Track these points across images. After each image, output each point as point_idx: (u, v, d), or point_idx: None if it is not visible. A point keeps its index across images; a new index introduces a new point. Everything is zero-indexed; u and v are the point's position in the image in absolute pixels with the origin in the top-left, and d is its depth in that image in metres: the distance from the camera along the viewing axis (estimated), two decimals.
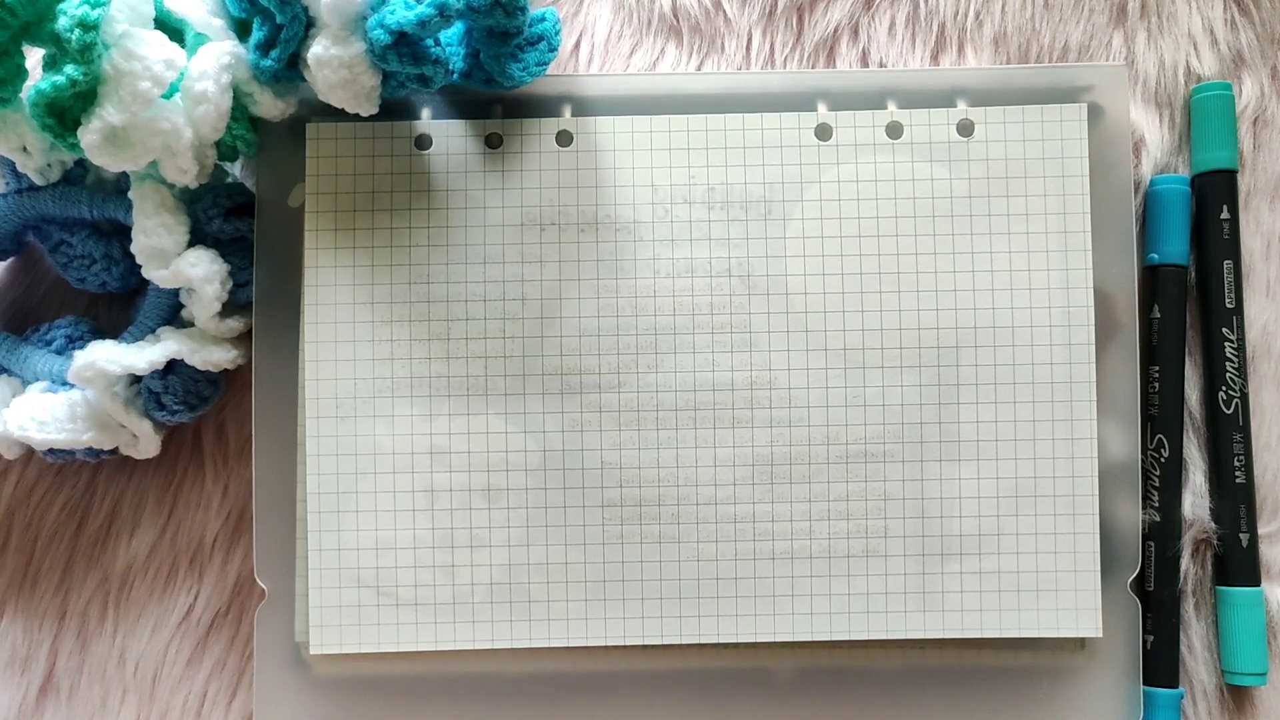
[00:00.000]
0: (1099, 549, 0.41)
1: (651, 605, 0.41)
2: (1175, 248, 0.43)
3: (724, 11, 0.45)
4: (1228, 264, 0.43)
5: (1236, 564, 0.42)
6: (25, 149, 0.39)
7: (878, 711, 0.42)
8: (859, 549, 0.41)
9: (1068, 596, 0.41)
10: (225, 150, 0.40)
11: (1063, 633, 0.41)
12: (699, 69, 0.45)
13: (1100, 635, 0.41)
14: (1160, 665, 0.42)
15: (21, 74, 0.36)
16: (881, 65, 0.45)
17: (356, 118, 0.40)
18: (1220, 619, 0.43)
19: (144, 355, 0.40)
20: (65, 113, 0.35)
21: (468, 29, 0.40)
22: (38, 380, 0.42)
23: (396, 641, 0.41)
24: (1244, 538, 0.42)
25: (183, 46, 0.39)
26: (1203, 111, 0.44)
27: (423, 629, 0.41)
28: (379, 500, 0.41)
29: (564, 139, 0.42)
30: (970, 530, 0.41)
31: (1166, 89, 0.45)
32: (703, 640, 0.41)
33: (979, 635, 0.41)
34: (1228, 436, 0.43)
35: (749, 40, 0.45)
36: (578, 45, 0.45)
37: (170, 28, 0.39)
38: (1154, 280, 0.43)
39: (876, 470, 0.41)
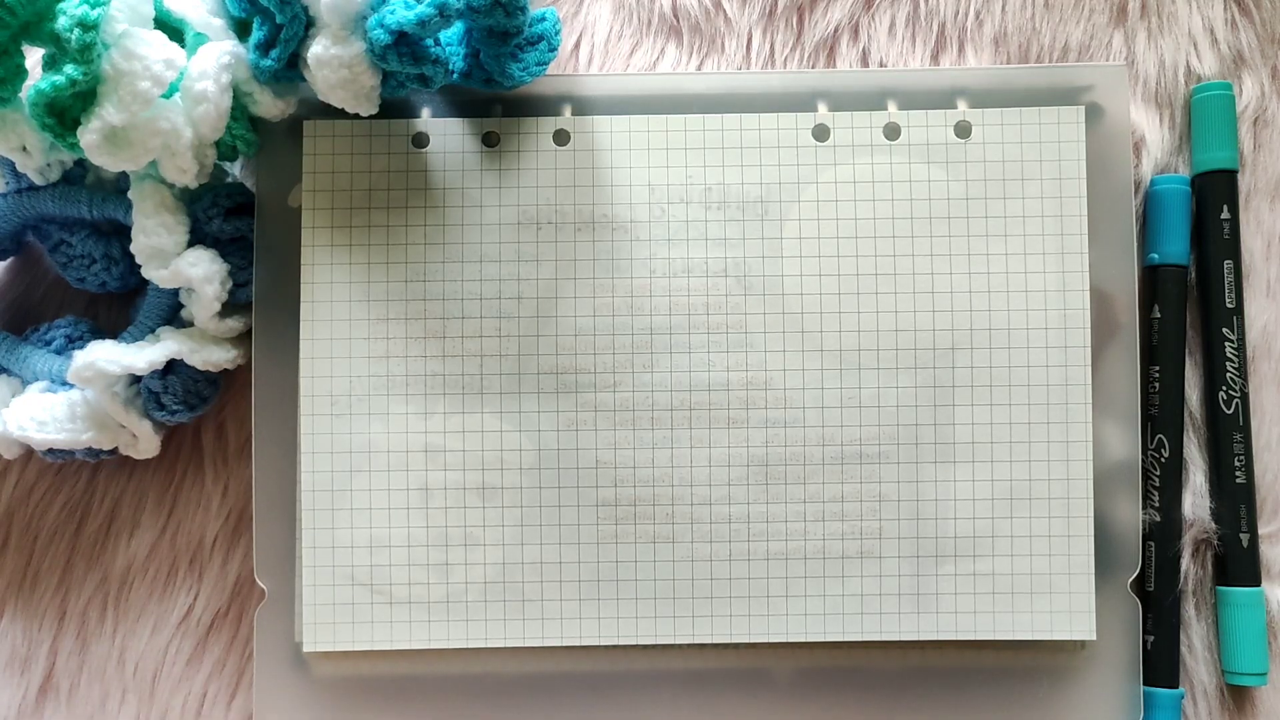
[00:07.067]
0: (1094, 551, 0.41)
1: (645, 605, 0.41)
2: (1175, 248, 0.43)
3: (724, 11, 0.45)
4: (1228, 264, 0.43)
5: (1237, 564, 0.42)
6: (25, 149, 0.39)
7: (877, 712, 0.42)
8: (853, 550, 0.41)
9: (1062, 599, 0.41)
10: (225, 150, 0.40)
11: (1057, 635, 0.41)
12: (699, 69, 0.45)
13: (1094, 638, 0.41)
14: (1160, 665, 0.42)
15: (21, 74, 0.36)
16: (881, 65, 0.45)
17: (355, 116, 0.40)
18: (1220, 619, 0.43)
19: (143, 355, 0.40)
20: (65, 112, 0.36)
21: (468, 29, 0.40)
22: (37, 380, 0.42)
23: (390, 640, 0.41)
24: (1244, 538, 0.42)
25: (182, 46, 0.39)
26: (1203, 111, 0.44)
27: (416, 628, 0.41)
28: (374, 498, 0.41)
29: (561, 138, 0.42)
30: (965, 532, 0.41)
31: (1166, 89, 0.44)
32: (696, 640, 0.41)
33: (973, 637, 0.41)
34: (1228, 436, 0.43)
35: (749, 40, 0.45)
36: (578, 45, 0.45)
37: (170, 28, 0.39)
38: (1154, 280, 0.43)
39: (871, 471, 0.41)
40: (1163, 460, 0.43)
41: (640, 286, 0.42)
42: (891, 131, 0.42)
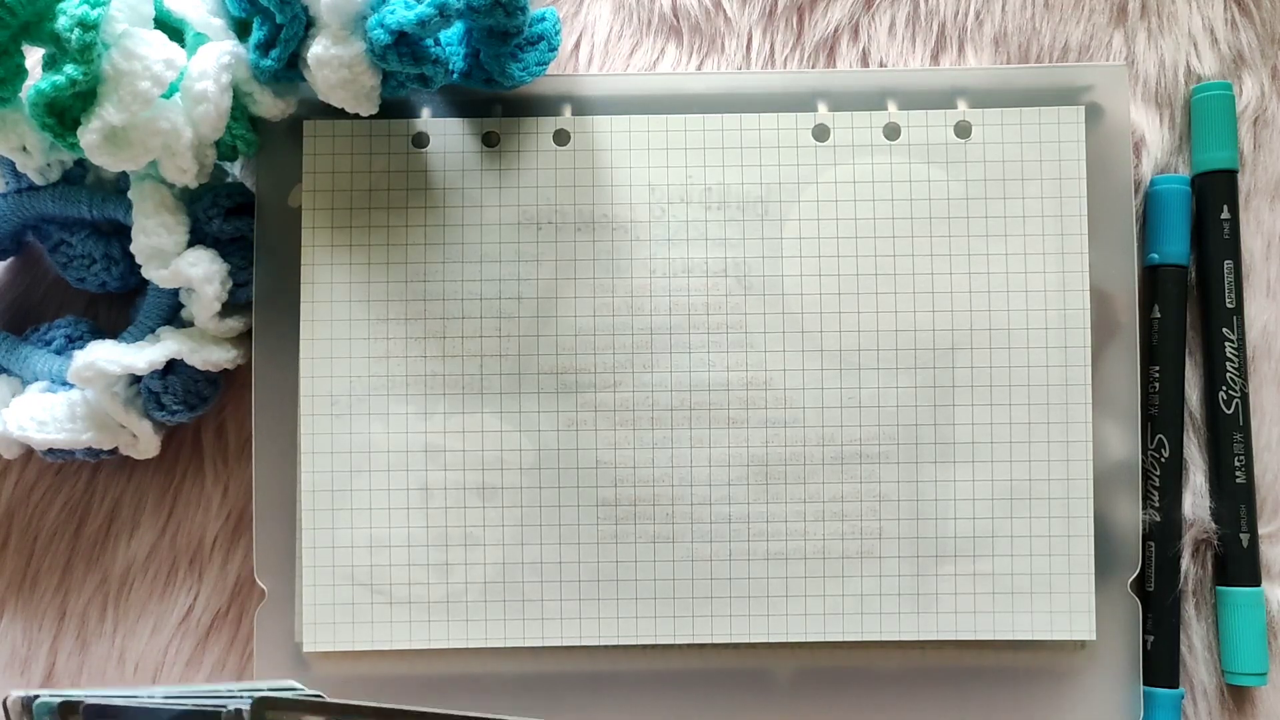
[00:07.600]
0: (1094, 552, 0.41)
1: (645, 605, 0.41)
2: (1175, 248, 0.43)
3: (724, 11, 0.45)
4: (1228, 264, 0.43)
5: (1237, 564, 0.42)
6: (25, 149, 0.39)
7: (878, 712, 0.42)
8: (853, 550, 0.41)
9: (1062, 599, 0.41)
10: (225, 150, 0.40)
11: (1056, 635, 0.41)
12: (699, 69, 0.45)
13: (1094, 638, 0.41)
14: (1160, 665, 0.42)
15: (21, 74, 0.36)
16: (881, 65, 0.45)
17: (355, 116, 0.40)
18: (1220, 619, 0.43)
19: (144, 355, 0.40)
20: (65, 112, 0.36)
21: (468, 29, 0.40)
22: (37, 380, 0.42)
23: (390, 640, 0.41)
24: (1244, 538, 0.42)
25: (183, 46, 0.39)
26: (1203, 111, 0.44)
27: (416, 628, 0.41)
28: (374, 498, 0.41)
29: (561, 138, 0.42)
30: (965, 532, 0.41)
31: (1166, 89, 0.44)
32: (696, 640, 0.41)
33: (973, 637, 0.41)
34: (1228, 436, 0.43)
35: (749, 40, 0.45)
36: (578, 45, 0.45)
37: (170, 27, 0.39)
38: (1154, 280, 0.43)
39: (871, 471, 0.41)
40: (1163, 460, 0.43)
41: (640, 286, 0.42)
42: (891, 131, 0.42)
